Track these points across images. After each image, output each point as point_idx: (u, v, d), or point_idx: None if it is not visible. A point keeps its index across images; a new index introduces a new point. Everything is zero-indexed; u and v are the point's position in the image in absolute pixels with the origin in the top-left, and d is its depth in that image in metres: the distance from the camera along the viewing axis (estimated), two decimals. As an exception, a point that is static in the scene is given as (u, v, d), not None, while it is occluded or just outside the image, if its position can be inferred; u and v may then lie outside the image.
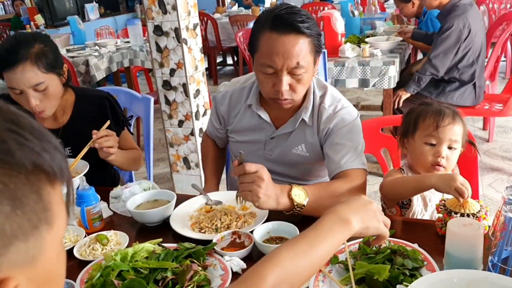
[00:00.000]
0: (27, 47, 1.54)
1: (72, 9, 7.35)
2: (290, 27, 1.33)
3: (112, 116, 1.82)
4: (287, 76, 1.37)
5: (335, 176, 1.45)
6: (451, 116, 1.38)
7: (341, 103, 1.53)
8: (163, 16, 3.02)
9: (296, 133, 1.55)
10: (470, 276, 0.92)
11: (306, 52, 1.35)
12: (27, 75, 1.53)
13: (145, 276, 1.05)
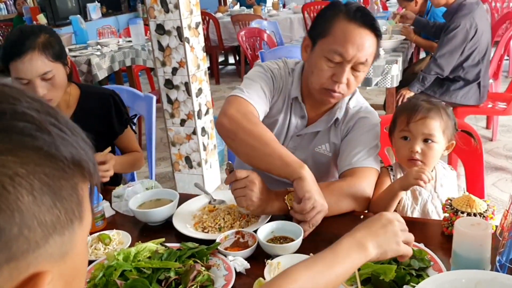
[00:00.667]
0: (33, 37, 1.55)
1: (74, 8, 7.35)
2: (370, 23, 1.36)
3: (116, 114, 1.83)
4: (349, 70, 1.37)
5: (344, 172, 1.44)
6: (425, 111, 1.37)
7: (365, 106, 1.55)
8: (165, 14, 3.01)
9: (323, 133, 1.54)
10: (478, 277, 0.91)
11: (373, 52, 1.38)
12: (35, 64, 1.55)
13: (148, 276, 1.04)
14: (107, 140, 1.87)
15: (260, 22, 5.08)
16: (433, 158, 1.38)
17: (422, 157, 1.37)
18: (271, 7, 7.74)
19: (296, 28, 6.74)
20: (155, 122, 2.26)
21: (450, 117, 1.40)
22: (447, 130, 1.38)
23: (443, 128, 1.37)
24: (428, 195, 1.42)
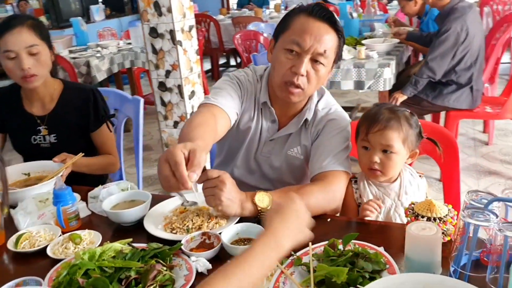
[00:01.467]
0: (23, 18, 1.76)
1: (77, 10, 7.42)
2: (328, 18, 1.39)
3: (93, 109, 1.90)
4: (309, 62, 1.40)
5: (315, 176, 1.46)
6: (384, 121, 1.38)
7: (334, 108, 1.57)
8: (159, 18, 3.05)
9: (294, 136, 1.57)
10: (425, 280, 0.93)
11: (333, 46, 1.40)
12: (24, 36, 1.71)
13: (110, 275, 1.07)
14: (84, 134, 1.94)
15: (258, 24, 5.11)
16: (392, 168, 1.40)
17: (381, 167, 1.40)
18: (273, 9, 7.77)
19: (297, 31, 6.75)
20: (142, 124, 2.29)
21: (412, 126, 1.41)
22: (408, 140, 1.40)
23: (403, 138, 1.39)
24: (391, 203, 1.44)
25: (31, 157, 1.83)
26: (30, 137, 1.88)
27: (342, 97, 5.78)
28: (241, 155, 1.63)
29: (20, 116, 1.88)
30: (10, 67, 1.73)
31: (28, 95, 1.88)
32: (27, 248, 1.29)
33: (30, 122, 1.88)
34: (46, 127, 1.88)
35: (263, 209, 1.30)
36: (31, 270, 1.21)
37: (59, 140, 1.88)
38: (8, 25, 1.71)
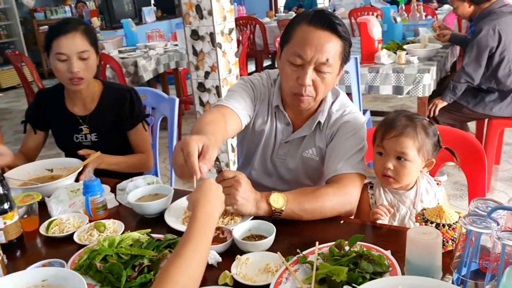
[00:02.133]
0: (77, 24, 1.87)
1: (130, 12, 7.72)
2: (328, 24, 1.39)
3: (129, 108, 1.99)
4: (313, 72, 1.42)
5: (330, 179, 1.49)
6: (401, 128, 1.38)
7: (349, 109, 1.57)
8: (200, 21, 3.15)
9: (309, 138, 1.59)
10: (421, 283, 0.95)
11: (336, 53, 1.41)
12: (77, 41, 1.82)
13: (125, 261, 1.15)
14: (121, 133, 2.04)
15: (301, 28, 5.12)
16: (405, 176, 1.40)
17: (394, 173, 1.40)
18: (320, 12, 7.75)
19: (343, 34, 6.72)
20: (177, 123, 2.38)
21: (429, 135, 1.40)
22: (423, 149, 1.39)
23: (418, 147, 1.38)
24: (406, 211, 1.44)
25: (73, 154, 1.92)
26: (72, 136, 1.99)
27: (385, 102, 5.71)
28: (257, 157, 1.67)
29: (64, 116, 2.00)
30: (59, 68, 1.84)
31: (71, 96, 1.99)
32: (56, 233, 1.40)
33: (73, 122, 1.99)
34: (87, 126, 1.99)
35: (277, 210, 1.34)
36: (58, 253, 1.30)
37: (100, 139, 1.98)
38: (63, 29, 1.81)
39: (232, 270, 1.14)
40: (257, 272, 1.14)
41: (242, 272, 1.13)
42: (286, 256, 1.17)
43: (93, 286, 1.11)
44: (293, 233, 1.33)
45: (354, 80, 3.29)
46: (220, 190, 1.15)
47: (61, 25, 1.85)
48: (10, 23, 8.42)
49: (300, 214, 1.35)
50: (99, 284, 1.12)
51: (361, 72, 3.38)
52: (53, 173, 1.83)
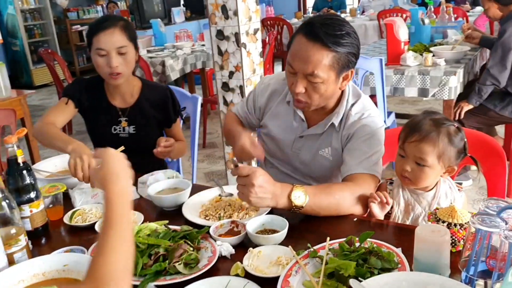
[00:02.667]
0: (116, 20, 1.95)
1: (160, 12, 7.85)
2: (316, 37, 1.41)
3: (172, 106, 2.10)
4: (304, 80, 1.46)
5: (344, 178, 1.51)
6: (424, 132, 1.37)
7: (368, 112, 1.58)
8: (225, 21, 3.20)
9: (325, 136, 1.62)
10: (427, 280, 0.96)
11: (325, 64, 1.42)
12: (116, 37, 1.89)
13: (142, 250, 1.20)
14: (161, 127, 2.16)
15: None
16: (422, 180, 1.40)
17: (411, 176, 1.41)
18: (349, 13, 7.73)
19: (371, 35, 6.70)
20: (198, 121, 2.44)
21: (453, 143, 1.38)
22: (444, 156, 1.37)
23: (438, 153, 1.37)
24: (421, 211, 1.44)
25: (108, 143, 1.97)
26: (111, 127, 2.07)
27: (413, 105, 5.65)
28: (275, 148, 1.73)
29: (104, 107, 2.07)
30: (100, 63, 1.92)
31: (111, 90, 2.07)
32: (79, 222, 1.46)
33: (113, 113, 2.07)
34: (127, 119, 2.06)
35: (297, 206, 1.35)
36: (80, 241, 1.37)
37: (137, 132, 2.06)
38: (102, 25, 1.89)
39: (244, 261, 1.17)
40: (268, 264, 1.17)
41: (254, 264, 1.17)
42: (297, 250, 1.19)
43: (111, 273, 1.16)
44: (306, 229, 1.35)
45: (378, 81, 3.28)
46: (122, 158, 1.11)
47: (101, 22, 1.93)
48: (44, 22, 8.69)
49: (317, 211, 1.38)
50: (117, 271, 1.17)
51: (386, 74, 3.37)
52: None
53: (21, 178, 1.38)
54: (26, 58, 8.20)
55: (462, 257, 1.04)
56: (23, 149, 1.45)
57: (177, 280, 1.12)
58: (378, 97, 3.30)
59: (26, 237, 1.27)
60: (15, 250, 1.23)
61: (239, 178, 1.34)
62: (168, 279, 1.13)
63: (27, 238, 1.28)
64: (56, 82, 5.36)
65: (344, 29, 1.43)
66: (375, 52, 4.16)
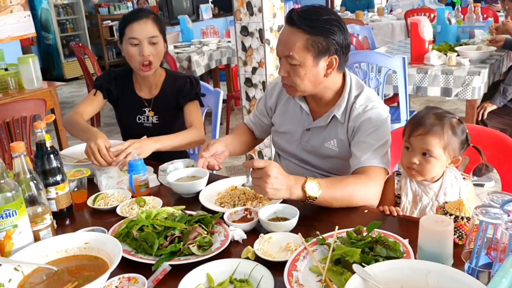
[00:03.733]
0: (148, 12, 2.06)
1: (188, 8, 7.97)
2: (291, 21, 1.51)
3: (189, 87, 2.15)
4: (286, 64, 1.55)
5: (354, 171, 1.54)
6: (429, 126, 1.41)
7: (373, 104, 1.61)
8: (250, 17, 3.25)
9: (330, 128, 1.66)
10: (429, 268, 0.99)
11: (300, 46, 1.49)
12: (148, 27, 2.00)
13: (159, 232, 1.26)
14: (179, 116, 2.18)
15: (353, 26, 5.13)
16: (429, 171, 1.44)
17: (419, 168, 1.44)
18: (376, 12, 7.69)
19: (398, 34, 6.66)
20: (220, 114, 2.50)
21: (457, 134, 1.43)
22: (449, 147, 1.42)
23: (444, 144, 1.41)
24: (428, 202, 1.47)
25: (133, 132, 2.08)
26: (136, 116, 2.17)
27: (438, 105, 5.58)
28: (285, 143, 1.78)
29: (131, 97, 2.17)
30: (132, 53, 2.01)
31: (139, 81, 2.17)
32: (102, 206, 1.54)
33: (138, 104, 2.16)
34: (151, 109, 2.16)
35: (311, 197, 1.39)
36: (101, 223, 1.43)
37: (160, 121, 2.15)
38: (136, 16, 2.01)
39: (255, 246, 1.22)
40: (277, 250, 1.22)
41: (264, 249, 1.21)
42: (306, 238, 1.24)
43: (129, 252, 1.23)
44: (316, 218, 1.40)
45: (401, 80, 3.27)
46: None
47: (134, 13, 2.05)
48: (76, 17, 8.92)
49: (330, 202, 1.42)
50: (134, 250, 1.24)
51: (409, 73, 3.36)
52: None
53: (48, 161, 1.46)
54: (58, 51, 8.44)
55: (466, 248, 1.07)
56: (52, 139, 1.54)
57: (191, 260, 1.18)
58: (400, 95, 3.30)
59: (51, 216, 1.35)
60: (41, 228, 1.31)
61: (254, 171, 1.38)
62: (182, 259, 1.19)
63: (52, 218, 1.36)
64: (86, 76, 5.52)
65: (324, 16, 1.50)
66: (400, 51, 4.15)
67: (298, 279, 1.08)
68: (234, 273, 1.13)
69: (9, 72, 3.92)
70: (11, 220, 1.19)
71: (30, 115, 3.01)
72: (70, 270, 1.18)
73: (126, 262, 1.19)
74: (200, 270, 1.13)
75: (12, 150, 1.26)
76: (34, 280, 1.14)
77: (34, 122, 1.48)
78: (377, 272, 0.99)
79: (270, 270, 1.12)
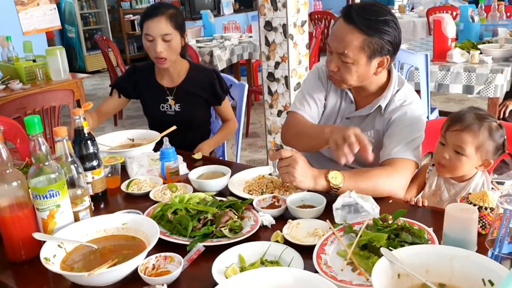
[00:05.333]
0: (165, 8, 2.11)
1: (209, 4, 8.03)
2: (350, 19, 1.52)
3: (219, 87, 2.26)
4: (338, 59, 1.57)
5: (383, 162, 1.58)
6: (466, 124, 1.43)
7: (411, 100, 1.65)
8: (274, 12, 3.30)
9: (369, 119, 1.70)
10: (453, 253, 1.03)
11: (356, 46, 1.51)
12: (161, 25, 2.06)
13: (192, 215, 1.32)
14: (203, 106, 2.31)
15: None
16: (458, 168, 1.47)
17: (448, 163, 1.47)
18: (397, 9, 7.66)
19: (419, 32, 6.64)
20: (244, 107, 2.55)
21: (494, 138, 1.44)
22: (482, 148, 1.44)
23: (477, 145, 1.44)
24: (447, 198, 1.52)
25: (158, 121, 2.23)
26: (159, 105, 2.26)
27: (459, 104, 5.56)
28: None
29: (153, 87, 2.27)
30: (148, 47, 2.12)
31: (160, 71, 2.26)
32: (135, 191, 1.61)
33: (161, 92, 2.25)
34: (173, 97, 2.24)
35: (335, 186, 1.45)
36: (135, 206, 1.50)
37: (182, 109, 2.24)
38: (152, 13, 2.08)
39: (284, 230, 1.27)
40: (305, 234, 1.27)
41: (292, 234, 1.27)
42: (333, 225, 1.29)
43: (164, 234, 1.29)
44: (343, 207, 1.44)
45: (423, 77, 3.30)
46: None
47: (151, 10, 2.11)
48: (99, 11, 9.05)
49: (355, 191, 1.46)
50: (169, 232, 1.30)
51: (431, 70, 3.38)
52: (134, 142, 2.06)
53: (86, 147, 1.54)
54: (81, 44, 8.59)
55: (489, 237, 1.11)
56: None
57: (223, 242, 1.24)
58: (422, 92, 3.32)
59: (89, 199, 1.42)
60: (80, 209, 1.38)
61: (281, 160, 1.45)
62: (214, 241, 1.25)
63: (90, 200, 1.44)
64: (110, 68, 5.62)
65: (381, 16, 1.52)
66: (422, 49, 4.15)
67: (327, 262, 1.13)
68: (265, 254, 1.18)
69: (37, 63, 4.04)
70: (54, 200, 1.26)
71: (59, 105, 3.11)
72: (109, 249, 1.25)
73: (160, 242, 1.25)
74: (233, 251, 1.19)
75: (55, 134, 1.33)
76: (76, 257, 1.22)
77: (73, 109, 1.55)
78: (404, 256, 1.03)
79: (299, 253, 1.17)
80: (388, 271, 1.00)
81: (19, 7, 5.49)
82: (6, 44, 4.17)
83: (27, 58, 4.13)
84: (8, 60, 4.12)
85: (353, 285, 1.04)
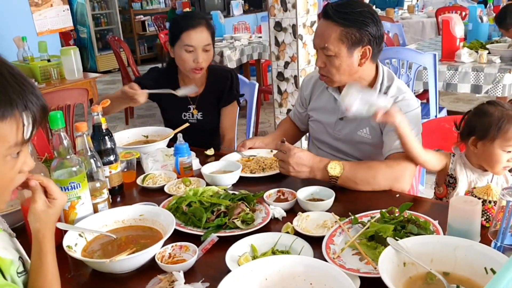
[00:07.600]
0: (203, 18, 2.12)
1: (219, 4, 8.10)
2: (328, 15, 1.62)
3: (229, 87, 2.25)
4: (322, 55, 1.65)
5: (387, 157, 1.63)
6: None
7: (403, 95, 1.69)
8: (284, 13, 3.35)
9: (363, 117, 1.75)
10: (457, 243, 1.08)
11: (335, 38, 1.59)
12: (204, 36, 2.08)
13: (206, 207, 1.38)
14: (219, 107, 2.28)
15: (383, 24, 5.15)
16: None
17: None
18: (407, 10, 7.67)
19: (428, 32, 6.65)
20: (255, 106, 2.61)
21: None
22: None
23: None
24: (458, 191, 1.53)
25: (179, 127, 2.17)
26: (181, 113, 2.25)
27: (468, 104, 5.57)
28: (319, 132, 1.89)
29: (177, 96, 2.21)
30: (185, 58, 2.08)
31: (185, 80, 2.23)
32: (150, 184, 1.67)
33: (184, 102, 2.23)
34: (195, 106, 2.24)
35: (333, 176, 1.52)
36: (150, 200, 1.56)
37: (204, 118, 2.24)
38: (192, 23, 2.06)
39: (294, 222, 1.33)
40: (315, 226, 1.33)
41: (302, 225, 1.32)
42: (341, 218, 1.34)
43: (179, 225, 1.35)
44: (350, 201, 1.49)
45: (431, 76, 3.33)
46: None
47: (190, 19, 2.09)
48: (110, 11, 9.15)
49: (354, 181, 1.51)
50: (184, 223, 1.36)
51: (440, 69, 3.41)
52: (148, 138, 2.12)
53: (103, 142, 1.60)
54: (92, 44, 8.70)
55: (492, 228, 1.15)
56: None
57: (236, 233, 1.29)
58: (430, 91, 3.36)
59: (108, 191, 1.48)
60: (99, 201, 1.44)
61: (279, 153, 1.57)
62: (227, 232, 1.30)
63: (108, 193, 1.50)
64: (122, 68, 5.71)
65: (356, 9, 1.60)
66: (430, 48, 4.18)
67: (335, 251, 1.18)
68: (276, 245, 1.24)
69: (51, 63, 4.13)
70: (75, 192, 1.32)
71: (74, 104, 3.18)
72: (127, 238, 1.31)
73: (176, 233, 1.31)
74: (245, 241, 1.24)
75: (76, 129, 1.40)
76: (95, 246, 1.28)
77: (91, 106, 1.62)
78: (409, 246, 1.08)
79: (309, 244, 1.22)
80: (394, 259, 1.05)
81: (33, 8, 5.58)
82: (22, 44, 4.26)
83: (42, 58, 4.21)
84: (24, 60, 4.21)
85: (361, 273, 1.09)
